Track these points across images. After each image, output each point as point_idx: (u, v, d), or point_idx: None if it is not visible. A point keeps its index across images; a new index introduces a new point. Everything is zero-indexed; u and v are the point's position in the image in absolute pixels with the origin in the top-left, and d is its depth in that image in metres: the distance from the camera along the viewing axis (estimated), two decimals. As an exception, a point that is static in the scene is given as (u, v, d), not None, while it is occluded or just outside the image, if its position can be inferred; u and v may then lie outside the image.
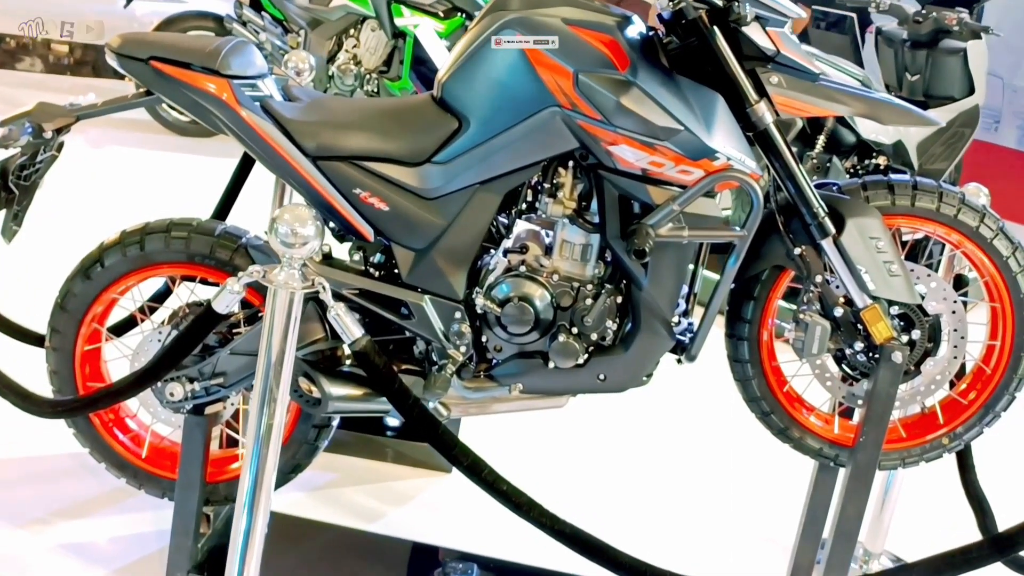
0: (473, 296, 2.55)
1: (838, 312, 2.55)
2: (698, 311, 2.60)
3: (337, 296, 2.51)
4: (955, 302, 2.57)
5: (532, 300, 2.53)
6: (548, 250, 2.59)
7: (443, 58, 4.89)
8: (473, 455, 2.26)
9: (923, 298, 2.55)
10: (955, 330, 2.58)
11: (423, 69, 5.85)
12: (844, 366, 2.63)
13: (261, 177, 3.06)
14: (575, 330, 2.55)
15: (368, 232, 2.54)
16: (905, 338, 2.56)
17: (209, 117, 2.49)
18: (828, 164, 5.29)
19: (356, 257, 2.58)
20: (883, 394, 2.51)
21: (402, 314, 2.57)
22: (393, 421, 3.53)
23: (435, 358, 2.60)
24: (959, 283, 2.68)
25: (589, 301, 2.53)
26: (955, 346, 2.60)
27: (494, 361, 2.62)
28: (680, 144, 2.35)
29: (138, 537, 2.94)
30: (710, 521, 3.46)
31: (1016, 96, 8.45)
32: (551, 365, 2.56)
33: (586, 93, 2.35)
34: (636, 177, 2.41)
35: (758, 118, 2.41)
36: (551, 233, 2.61)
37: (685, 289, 2.59)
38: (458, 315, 2.55)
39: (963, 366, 2.66)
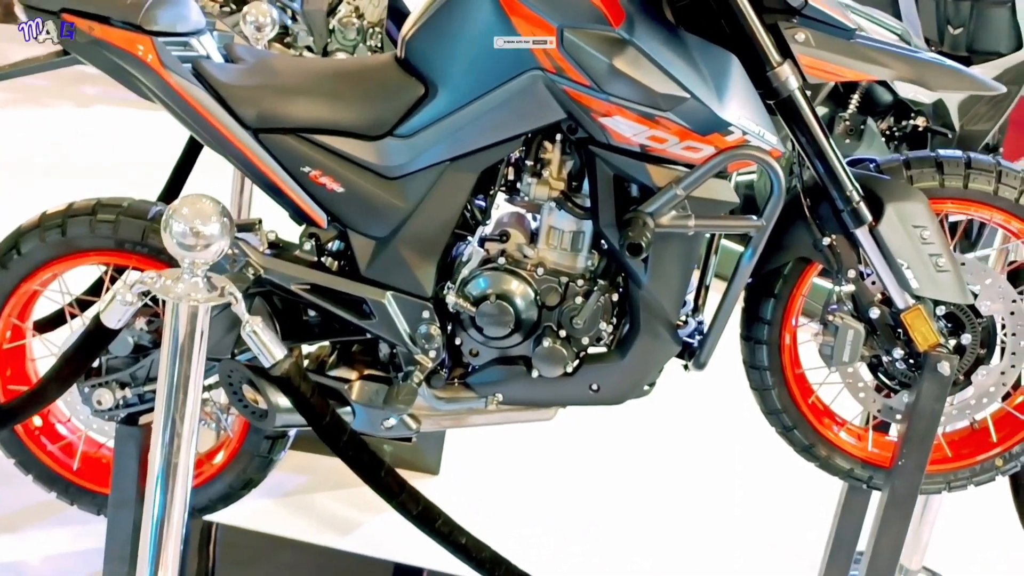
0: (444, 292, 2.17)
1: (874, 313, 2.15)
2: (710, 307, 2.22)
3: (277, 294, 2.16)
4: (1014, 301, 2.17)
5: (512, 297, 2.15)
6: (532, 238, 2.21)
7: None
8: (425, 501, 1.89)
9: (976, 297, 2.15)
10: (1014, 334, 2.18)
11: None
12: (880, 375, 2.25)
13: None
14: (563, 333, 2.17)
15: (320, 217, 2.16)
16: (953, 343, 2.17)
17: (132, 82, 2.12)
18: (862, 127, 4.86)
19: (308, 246, 2.21)
20: (927, 410, 2.13)
21: (362, 313, 2.20)
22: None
23: (401, 363, 2.23)
24: (1015, 278, 2.28)
25: (580, 299, 2.15)
26: (1013, 353, 2.20)
27: (469, 367, 2.25)
28: (686, 115, 1.96)
29: (75, 557, 2.60)
30: (725, 541, 3.08)
31: (1059, 48, 7.94)
32: (535, 373, 2.19)
33: (573, 54, 1.96)
34: (633, 155, 2.02)
35: (781, 83, 2.00)
36: (537, 218, 2.23)
37: (694, 283, 2.20)
38: (426, 315, 2.18)
39: (1020, 376, 2.27)
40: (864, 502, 2.51)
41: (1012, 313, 2.17)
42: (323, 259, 2.21)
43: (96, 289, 2.57)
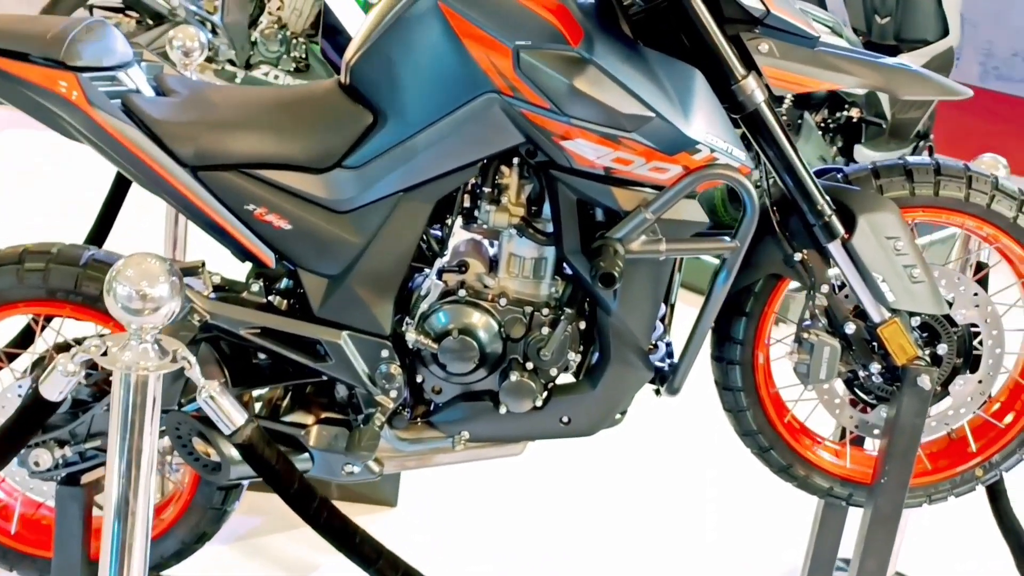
0: (403, 329, 2.06)
1: (849, 328, 2.09)
2: (678, 328, 2.14)
3: (224, 339, 2.03)
4: (989, 308, 2.11)
5: (476, 331, 2.05)
6: (492, 267, 2.11)
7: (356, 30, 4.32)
8: (405, 567, 1.77)
9: (950, 305, 2.10)
10: (990, 341, 2.13)
11: (340, 40, 5.26)
12: (856, 389, 2.18)
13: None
14: (530, 365, 2.07)
15: (268, 256, 2.04)
16: (928, 353, 2.11)
17: (57, 122, 1.97)
18: (799, 121, 4.83)
19: (256, 287, 2.08)
20: (908, 425, 2.07)
21: (317, 355, 2.08)
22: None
23: (361, 405, 2.11)
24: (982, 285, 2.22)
25: (546, 329, 2.05)
26: (990, 360, 2.15)
27: (432, 405, 2.14)
28: (651, 135, 1.87)
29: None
30: (698, 567, 2.99)
31: (976, 31, 8.05)
32: (503, 409, 2.08)
33: (530, 75, 1.86)
34: (598, 178, 1.92)
35: (746, 96, 1.92)
36: (495, 244, 2.13)
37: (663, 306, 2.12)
38: (385, 353, 2.07)
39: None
40: (841, 517, 2.46)
41: (987, 320, 2.12)
42: (273, 300, 2.09)
43: (26, 338, 2.41)
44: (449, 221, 2.08)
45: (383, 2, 1.97)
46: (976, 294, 2.10)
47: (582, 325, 2.07)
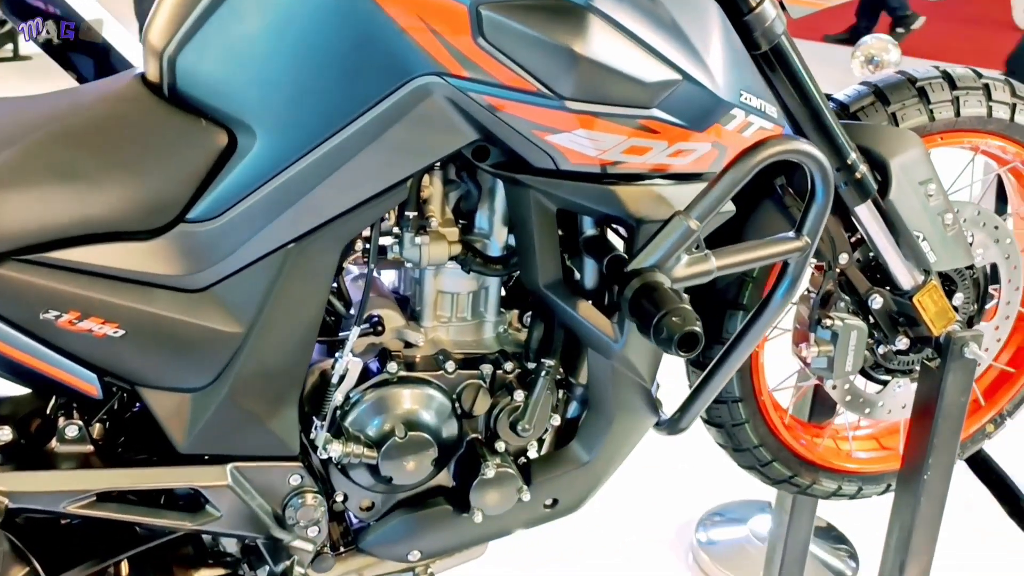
0: (322, 443, 1.37)
1: (876, 303, 1.63)
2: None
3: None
4: (1009, 242, 1.73)
5: (425, 419, 1.41)
6: (413, 314, 1.46)
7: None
8: None
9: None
10: (1009, 280, 1.75)
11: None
12: (866, 369, 1.74)
13: None
14: (500, 446, 1.46)
15: (90, 384, 1.27)
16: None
17: None
18: None
19: (72, 432, 1.30)
20: (955, 404, 1.65)
21: (192, 507, 1.35)
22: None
23: (266, 559, 1.41)
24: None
25: (519, 393, 1.44)
26: (1008, 302, 1.78)
27: (359, 527, 1.49)
28: (677, 107, 1.27)
29: None
30: None
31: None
32: (477, 517, 1.46)
33: (499, 44, 1.19)
34: (593, 177, 1.30)
35: (765, 29, 1.36)
36: (403, 277, 1.48)
37: None
38: (295, 480, 1.38)
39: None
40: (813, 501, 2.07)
41: (1008, 257, 1.73)
42: (102, 447, 1.32)
43: None
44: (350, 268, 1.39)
45: None
46: (997, 227, 1.70)
47: (559, 375, 1.48)
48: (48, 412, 1.32)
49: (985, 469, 2.15)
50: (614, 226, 1.42)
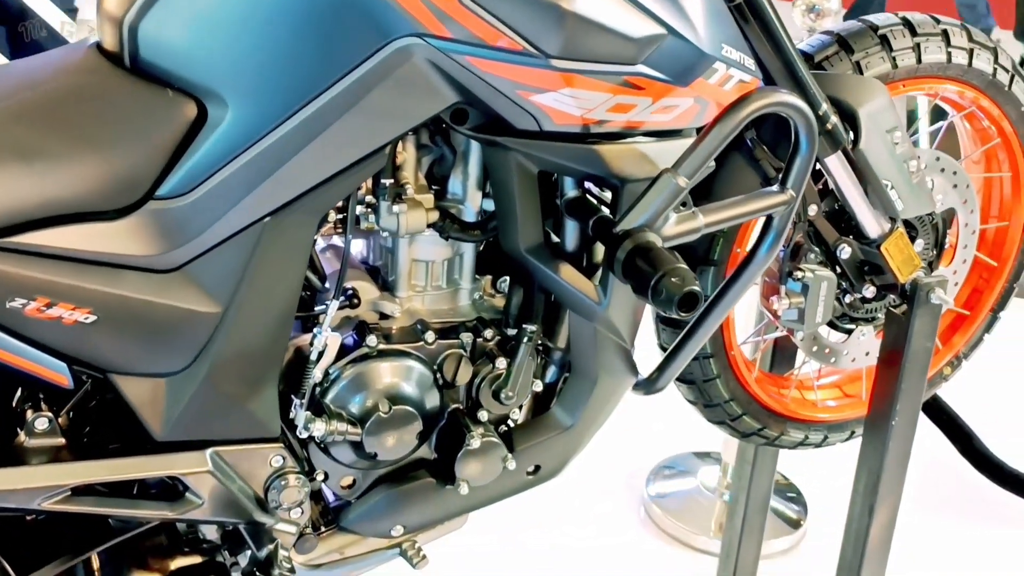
0: (304, 422, 1.32)
1: (844, 253, 1.63)
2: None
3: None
4: (968, 187, 1.74)
5: (409, 392, 1.37)
6: (386, 285, 1.42)
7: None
8: None
9: (927, 193, 1.70)
10: (966, 224, 1.77)
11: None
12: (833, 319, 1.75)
13: None
14: (483, 415, 1.43)
15: (60, 375, 1.20)
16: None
17: None
18: None
19: (41, 425, 1.23)
20: (921, 351, 1.66)
21: (169, 495, 1.30)
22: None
23: (248, 543, 1.37)
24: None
25: (501, 360, 1.41)
26: (965, 246, 1.80)
27: (341, 506, 1.45)
28: (662, 62, 1.24)
29: None
30: None
31: None
32: (463, 488, 1.43)
33: (488, 4, 1.14)
34: (576, 137, 1.27)
35: None
36: (373, 246, 1.44)
37: None
38: (278, 461, 1.33)
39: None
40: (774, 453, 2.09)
41: (966, 201, 1.75)
42: (73, 439, 1.26)
43: None
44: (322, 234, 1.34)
45: None
46: (956, 172, 1.72)
47: (539, 341, 1.45)
48: (14, 405, 1.25)
49: (936, 410, 2.18)
50: (588, 186, 1.40)
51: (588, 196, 1.36)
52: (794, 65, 1.42)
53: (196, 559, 1.40)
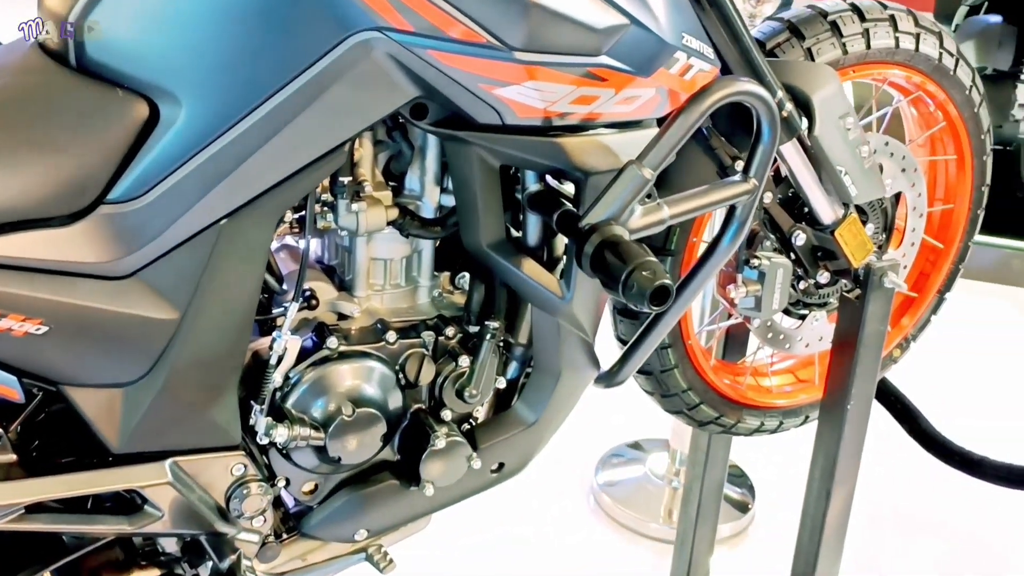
0: (264, 430, 1.29)
1: (799, 240, 1.63)
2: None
3: None
4: (916, 171, 1.76)
5: (371, 395, 1.34)
6: (343, 284, 1.39)
7: None
8: None
9: (878, 178, 1.71)
10: (914, 208, 1.79)
11: None
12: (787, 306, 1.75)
13: None
14: (448, 414, 1.41)
15: (11, 388, 1.15)
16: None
17: None
18: None
19: (-10, 442, 1.18)
20: (875, 334, 1.68)
21: (127, 508, 1.25)
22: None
23: (212, 555, 1.33)
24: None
25: (464, 358, 1.39)
26: (913, 229, 1.81)
27: (305, 509, 1.41)
28: (624, 53, 1.22)
29: None
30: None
31: None
32: (428, 490, 1.41)
33: None
34: (538, 131, 1.25)
35: None
36: (327, 245, 1.40)
37: None
38: (239, 469, 1.29)
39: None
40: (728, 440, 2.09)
41: (913, 185, 1.76)
42: (25, 454, 1.21)
43: None
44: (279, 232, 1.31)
45: None
46: (904, 157, 1.73)
47: (503, 337, 1.43)
48: (-41, 421, 1.20)
49: (883, 391, 2.21)
50: (548, 179, 1.38)
51: (552, 189, 1.34)
52: (751, 53, 1.41)
53: (155, 572, 1.36)
